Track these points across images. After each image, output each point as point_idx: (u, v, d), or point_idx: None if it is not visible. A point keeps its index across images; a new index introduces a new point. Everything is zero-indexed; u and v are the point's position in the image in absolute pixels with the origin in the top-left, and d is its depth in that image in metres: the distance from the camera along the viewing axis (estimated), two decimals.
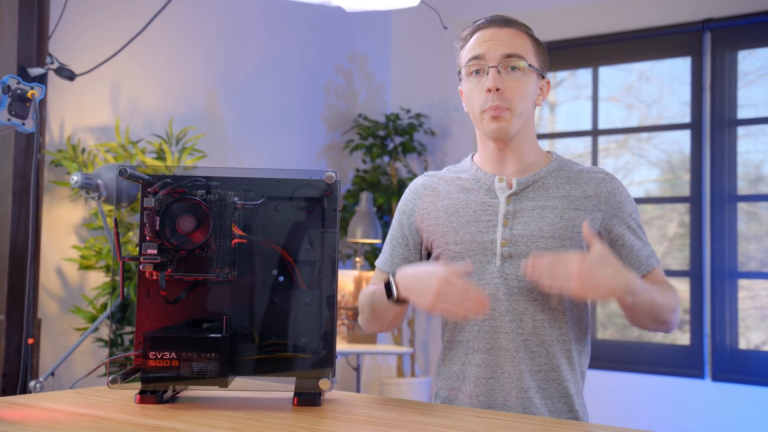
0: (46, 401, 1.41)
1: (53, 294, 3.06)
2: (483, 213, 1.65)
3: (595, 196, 1.64)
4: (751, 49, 3.90)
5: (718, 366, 3.80)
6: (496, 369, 1.61)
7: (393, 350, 3.91)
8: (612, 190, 1.65)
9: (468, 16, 4.51)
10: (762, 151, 3.91)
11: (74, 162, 2.96)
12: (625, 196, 1.67)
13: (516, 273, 1.61)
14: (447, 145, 4.68)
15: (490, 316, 1.62)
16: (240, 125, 3.91)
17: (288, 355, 1.44)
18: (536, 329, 1.61)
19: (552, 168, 1.68)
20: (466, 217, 1.65)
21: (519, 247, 1.61)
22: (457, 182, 1.71)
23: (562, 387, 1.62)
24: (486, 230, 1.63)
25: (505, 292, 1.61)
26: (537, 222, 1.61)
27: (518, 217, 1.62)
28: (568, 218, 1.61)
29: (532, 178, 1.65)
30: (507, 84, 1.62)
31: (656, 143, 4.22)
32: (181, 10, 3.51)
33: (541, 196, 1.64)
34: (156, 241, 1.41)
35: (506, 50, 1.62)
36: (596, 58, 4.29)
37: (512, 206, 1.63)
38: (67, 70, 2.89)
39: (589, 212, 1.63)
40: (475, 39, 1.67)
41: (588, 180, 1.66)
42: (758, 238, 3.87)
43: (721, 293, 3.85)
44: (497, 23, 1.67)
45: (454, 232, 1.65)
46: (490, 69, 1.62)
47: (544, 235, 1.60)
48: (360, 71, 4.73)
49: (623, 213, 1.65)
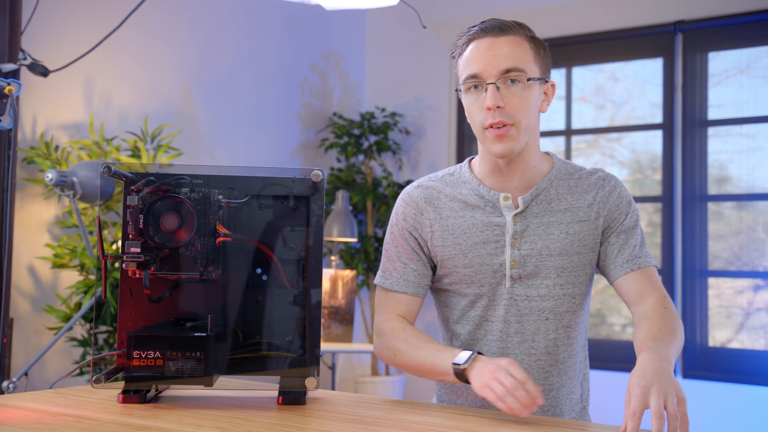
0: (27, 401, 1.39)
1: (25, 293, 3.02)
2: (491, 234, 1.59)
3: (596, 203, 1.60)
4: (719, 51, 3.96)
5: (688, 363, 3.86)
6: None
7: (368, 349, 3.91)
8: (609, 192, 1.61)
9: (445, 16, 4.53)
10: (727, 151, 3.97)
11: (47, 159, 2.93)
12: (622, 197, 1.62)
13: (526, 293, 1.58)
14: (422, 144, 4.70)
15: (498, 338, 1.59)
16: (214, 123, 3.89)
17: (273, 354, 1.44)
18: (549, 349, 1.58)
19: (553, 177, 1.62)
20: (474, 238, 1.59)
21: (528, 267, 1.57)
22: (460, 198, 1.63)
23: (570, 399, 1.62)
24: (495, 252, 1.58)
25: (515, 314, 1.58)
26: (544, 240, 1.57)
27: (525, 236, 1.58)
28: (573, 232, 1.58)
29: (536, 192, 1.60)
30: (508, 99, 1.53)
31: (625, 143, 4.27)
32: (155, 6, 3.48)
33: (546, 210, 1.60)
34: (139, 239, 1.40)
35: (504, 65, 1.53)
36: (569, 59, 4.33)
37: (519, 225, 1.58)
38: (40, 66, 2.85)
39: (593, 221, 1.60)
40: (470, 51, 1.57)
41: (588, 187, 1.62)
42: (724, 238, 3.94)
43: (692, 292, 3.91)
44: (492, 32, 1.56)
45: (463, 255, 1.59)
46: (489, 86, 1.53)
47: (552, 253, 1.57)
48: (335, 70, 4.73)
49: (619, 214, 1.61)
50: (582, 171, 1.65)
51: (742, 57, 3.92)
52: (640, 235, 1.62)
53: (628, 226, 1.61)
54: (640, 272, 1.58)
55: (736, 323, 3.90)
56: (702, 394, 3.78)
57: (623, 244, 1.59)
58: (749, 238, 3.88)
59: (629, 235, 1.60)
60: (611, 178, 1.64)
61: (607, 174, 1.65)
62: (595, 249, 1.60)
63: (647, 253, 1.61)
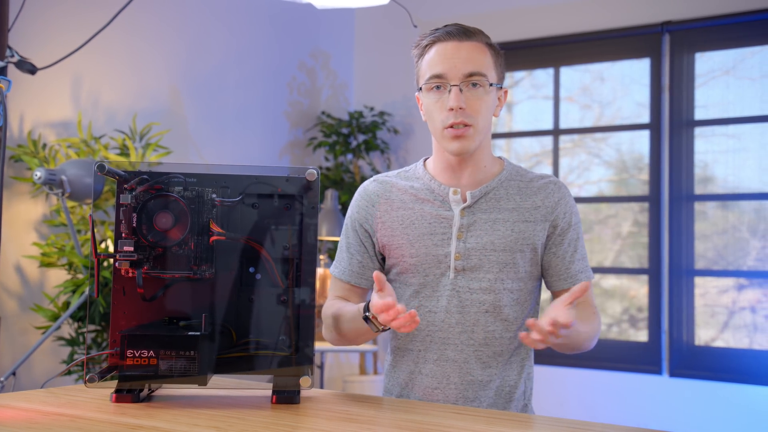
0: (19, 401, 1.38)
1: (12, 292, 3.00)
2: (438, 226, 1.65)
3: (543, 206, 1.67)
4: (706, 52, 3.99)
5: (675, 362, 3.88)
6: (442, 379, 1.64)
7: (356, 348, 3.91)
8: (558, 200, 1.68)
9: (434, 15, 4.53)
10: (713, 151, 4.00)
11: (35, 157, 2.91)
12: (569, 207, 1.69)
13: (469, 285, 1.64)
14: (410, 143, 4.70)
15: (439, 328, 1.64)
16: (202, 122, 3.88)
17: (267, 353, 1.43)
18: (488, 340, 1.64)
19: (503, 177, 1.69)
20: (421, 229, 1.66)
21: (472, 260, 1.63)
22: (411, 191, 1.70)
23: (511, 394, 1.66)
24: (441, 243, 1.65)
25: (457, 305, 1.64)
26: (489, 235, 1.64)
27: (472, 230, 1.64)
28: (518, 231, 1.64)
29: (485, 190, 1.66)
30: (469, 102, 1.61)
31: (611, 143, 4.29)
32: (144, 4, 3.46)
33: (494, 208, 1.66)
34: (132, 238, 1.40)
35: (468, 69, 1.61)
36: (557, 59, 4.35)
37: (466, 219, 1.65)
38: (28, 64, 2.83)
39: (539, 223, 1.66)
40: (435, 53, 1.65)
41: (537, 190, 1.68)
42: (708, 237, 3.97)
43: (679, 291, 3.93)
44: (458, 36, 1.63)
45: (410, 245, 1.66)
46: (453, 88, 1.60)
47: (496, 249, 1.63)
48: (323, 68, 4.72)
49: (565, 224, 1.67)
50: (532, 175, 1.72)
51: (728, 58, 3.95)
52: (582, 246, 1.70)
53: (573, 238, 1.68)
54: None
55: (720, 322, 3.93)
56: (688, 392, 3.81)
57: (570, 257, 1.67)
58: (733, 237, 3.91)
59: (575, 247, 1.68)
60: (561, 186, 1.70)
61: (557, 181, 1.71)
62: (537, 250, 1.66)
63: (584, 268, 1.69)
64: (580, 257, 1.69)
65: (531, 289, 1.68)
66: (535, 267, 1.68)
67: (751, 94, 3.89)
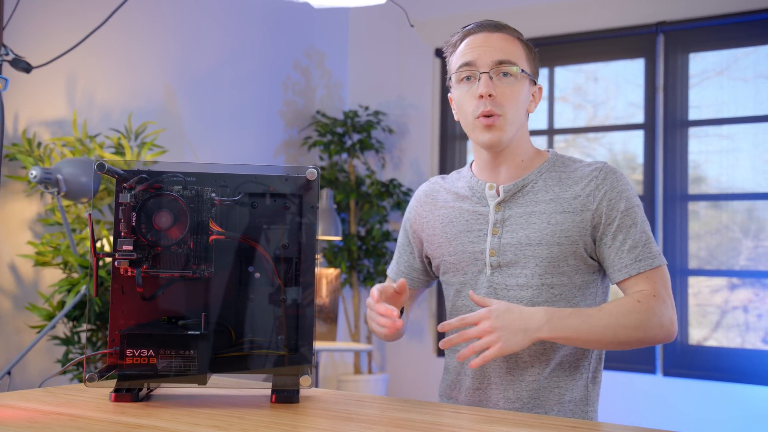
0: (18, 400, 1.38)
1: (7, 291, 2.99)
2: (474, 222, 1.63)
3: (584, 195, 1.57)
4: (699, 52, 4.00)
5: (669, 361, 3.90)
6: (483, 380, 1.62)
7: (350, 347, 3.91)
8: (600, 186, 1.57)
9: (429, 15, 4.53)
10: (705, 151, 4.02)
11: (30, 156, 2.89)
12: (618, 193, 1.56)
13: (505, 282, 1.59)
14: (405, 143, 4.70)
15: None
16: (197, 121, 3.87)
17: (266, 352, 1.43)
18: None
19: (543, 169, 1.63)
20: (459, 227, 1.65)
21: (507, 256, 1.59)
22: (453, 190, 1.70)
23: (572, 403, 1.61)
24: (477, 240, 1.62)
25: None
26: (524, 229, 1.58)
27: (507, 225, 1.60)
28: (555, 223, 1.56)
29: (521, 183, 1.61)
30: (499, 90, 1.57)
31: (604, 143, 4.31)
32: (139, 3, 3.46)
33: (530, 201, 1.60)
34: (131, 237, 1.39)
35: (498, 56, 1.58)
36: (551, 59, 4.36)
37: (501, 214, 1.61)
38: (23, 62, 2.81)
39: (578, 213, 1.56)
40: (465, 45, 1.62)
41: (579, 178, 1.59)
42: (700, 237, 3.98)
43: (673, 290, 3.94)
44: (488, 28, 1.62)
45: (448, 243, 1.65)
46: (482, 75, 1.57)
47: (532, 243, 1.57)
48: (318, 68, 4.72)
49: (613, 212, 1.56)
50: (578, 163, 1.64)
51: (721, 58, 3.97)
52: (641, 232, 1.55)
53: (625, 225, 1.55)
54: (643, 276, 1.55)
55: (713, 321, 3.94)
56: (682, 391, 3.82)
57: (619, 245, 1.55)
58: (725, 237, 3.93)
59: (627, 234, 1.55)
60: (609, 173, 1.58)
61: (605, 167, 1.60)
62: (579, 242, 1.55)
63: (651, 254, 1.55)
64: (635, 244, 1.54)
65: (579, 284, 1.58)
66: (582, 260, 1.57)
67: (745, 94, 3.90)
